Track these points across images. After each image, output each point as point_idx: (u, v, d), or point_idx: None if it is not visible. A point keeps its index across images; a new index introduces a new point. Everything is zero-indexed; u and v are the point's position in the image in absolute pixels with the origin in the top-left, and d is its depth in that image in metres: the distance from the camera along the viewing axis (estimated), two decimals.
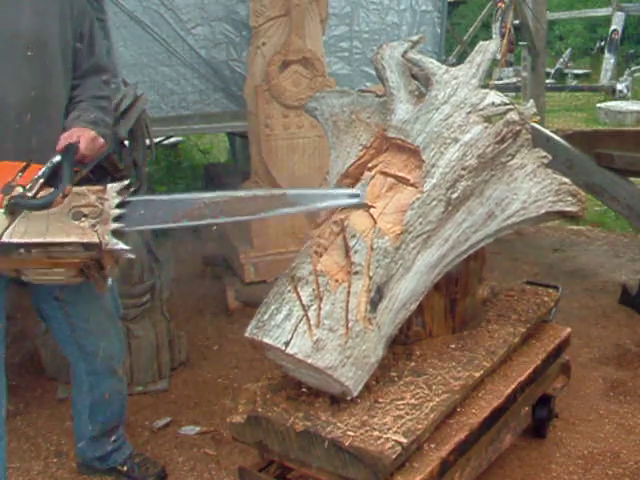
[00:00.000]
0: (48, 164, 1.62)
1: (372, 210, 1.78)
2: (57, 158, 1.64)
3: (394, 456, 1.54)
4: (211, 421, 2.57)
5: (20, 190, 1.58)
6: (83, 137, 1.73)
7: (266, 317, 1.68)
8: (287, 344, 1.62)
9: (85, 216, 1.57)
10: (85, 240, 1.54)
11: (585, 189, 3.11)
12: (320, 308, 1.65)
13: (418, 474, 1.61)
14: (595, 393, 2.63)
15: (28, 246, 1.55)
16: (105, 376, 2.07)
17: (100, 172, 1.73)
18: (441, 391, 1.77)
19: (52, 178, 1.61)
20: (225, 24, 4.73)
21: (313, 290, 1.67)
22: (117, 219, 1.58)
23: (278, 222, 3.61)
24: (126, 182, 1.64)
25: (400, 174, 1.84)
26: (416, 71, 2.03)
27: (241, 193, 1.75)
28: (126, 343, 2.74)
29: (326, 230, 1.80)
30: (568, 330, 2.30)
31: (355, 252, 1.71)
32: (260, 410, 1.73)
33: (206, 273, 4.06)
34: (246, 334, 1.71)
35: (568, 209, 1.96)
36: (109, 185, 1.63)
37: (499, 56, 9.65)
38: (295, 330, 1.62)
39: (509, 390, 1.93)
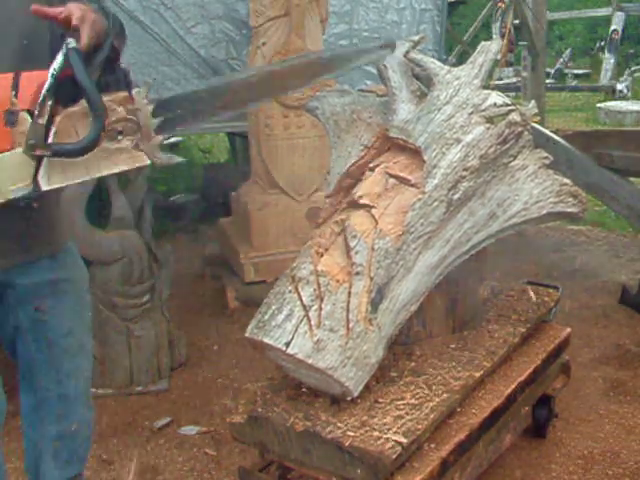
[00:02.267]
0: (50, 75, 1.24)
1: (373, 211, 1.78)
2: (58, 61, 1.24)
3: (394, 456, 1.54)
4: (211, 421, 2.57)
5: (28, 119, 1.23)
6: (86, 21, 1.29)
7: (267, 317, 1.68)
8: (288, 344, 1.62)
9: (120, 133, 1.31)
10: (137, 165, 1.35)
11: (585, 189, 3.08)
12: (321, 308, 1.65)
13: (418, 474, 1.61)
14: (595, 393, 2.63)
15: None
16: (77, 403, 1.76)
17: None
18: (441, 391, 1.77)
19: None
20: (225, 22, 4.73)
21: (314, 290, 1.67)
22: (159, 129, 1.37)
23: (278, 222, 3.61)
24: (150, 81, 1.42)
25: (402, 174, 1.84)
26: (418, 71, 2.03)
27: (275, 67, 1.64)
28: (126, 343, 2.75)
29: (327, 230, 1.81)
30: (568, 330, 2.30)
31: (356, 252, 1.71)
32: (260, 410, 1.73)
33: (206, 273, 4.06)
34: (246, 334, 1.71)
35: (569, 210, 1.96)
36: (134, 90, 1.34)
37: (499, 56, 9.65)
38: (296, 330, 1.62)
39: (509, 390, 1.93)
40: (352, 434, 1.59)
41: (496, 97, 1.90)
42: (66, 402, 1.74)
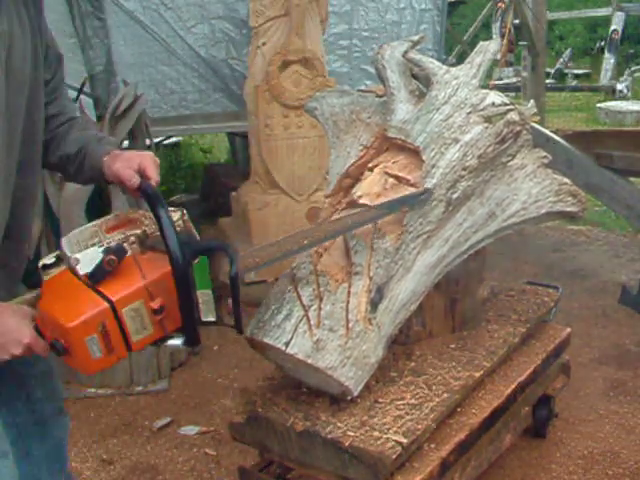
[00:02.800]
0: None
1: None
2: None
3: (394, 456, 1.54)
4: (211, 421, 2.57)
5: None
6: (148, 164, 1.36)
7: (266, 317, 1.68)
8: (287, 344, 1.61)
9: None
10: None
11: (585, 189, 3.09)
12: (320, 308, 1.65)
13: (418, 474, 1.61)
14: (595, 393, 2.63)
15: None
16: (53, 418, 1.66)
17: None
18: (441, 391, 1.77)
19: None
20: (225, 22, 4.73)
21: (313, 290, 1.67)
22: None
23: (278, 222, 3.61)
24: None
25: (400, 174, 1.84)
26: (416, 71, 2.03)
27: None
28: None
29: None
30: (568, 330, 2.30)
31: (355, 252, 1.71)
32: (260, 410, 1.73)
33: None
34: (246, 334, 1.71)
35: (568, 209, 1.96)
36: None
37: (499, 56, 9.66)
38: (295, 330, 1.62)
39: (509, 390, 1.92)
40: (352, 434, 1.59)
41: (494, 96, 1.90)
42: (44, 424, 1.65)
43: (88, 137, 1.47)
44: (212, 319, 1.28)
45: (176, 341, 1.27)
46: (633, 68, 10.63)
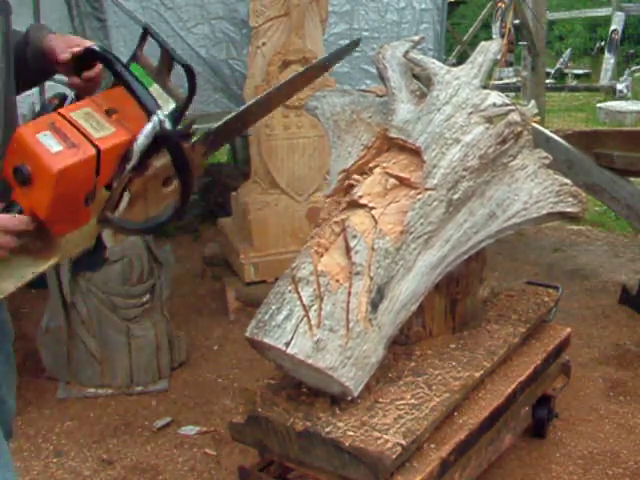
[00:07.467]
0: (137, 155, 1.19)
1: (373, 211, 1.78)
2: (143, 142, 1.21)
3: (394, 456, 1.54)
4: (211, 421, 2.57)
5: (104, 194, 1.20)
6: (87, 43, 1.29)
7: (266, 317, 1.68)
8: (288, 344, 1.62)
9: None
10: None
11: (585, 189, 3.10)
12: (321, 308, 1.65)
13: (418, 474, 1.61)
14: (595, 393, 2.63)
15: None
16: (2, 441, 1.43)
17: None
18: (441, 391, 1.77)
19: None
20: (225, 22, 4.73)
21: (314, 290, 1.67)
22: None
23: (278, 222, 3.61)
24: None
25: (401, 174, 1.85)
26: (418, 71, 2.03)
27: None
28: (126, 343, 2.75)
29: (327, 230, 1.81)
30: (568, 330, 2.30)
31: (356, 252, 1.71)
32: (260, 410, 1.73)
33: (206, 273, 4.06)
34: (246, 334, 1.71)
35: (569, 210, 1.96)
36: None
37: (499, 56, 9.66)
38: (296, 330, 1.62)
39: (509, 390, 1.93)
40: (352, 434, 1.59)
41: (495, 97, 1.91)
42: None
43: (27, 29, 1.35)
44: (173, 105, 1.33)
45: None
46: (633, 68, 10.64)
